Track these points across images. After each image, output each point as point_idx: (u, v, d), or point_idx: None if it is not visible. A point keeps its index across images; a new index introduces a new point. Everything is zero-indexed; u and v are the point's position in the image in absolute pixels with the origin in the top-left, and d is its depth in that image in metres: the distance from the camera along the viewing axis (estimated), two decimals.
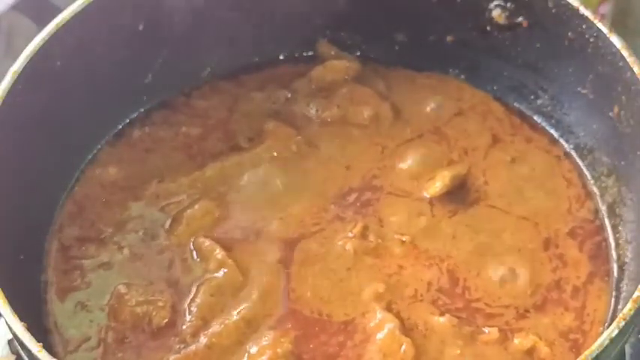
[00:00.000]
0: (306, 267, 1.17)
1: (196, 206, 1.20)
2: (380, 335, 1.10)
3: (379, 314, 1.12)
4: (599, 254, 1.20)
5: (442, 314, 1.12)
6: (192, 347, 1.09)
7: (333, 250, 1.18)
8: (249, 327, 1.12)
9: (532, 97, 1.31)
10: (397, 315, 1.12)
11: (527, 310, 1.14)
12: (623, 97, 1.18)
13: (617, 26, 1.23)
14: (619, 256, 1.19)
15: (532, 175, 1.26)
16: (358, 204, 1.22)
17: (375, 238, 1.19)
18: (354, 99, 1.30)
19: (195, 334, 1.11)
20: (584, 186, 1.25)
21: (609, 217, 1.22)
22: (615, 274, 1.18)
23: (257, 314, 1.12)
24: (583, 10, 1.20)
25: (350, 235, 1.19)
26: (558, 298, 1.16)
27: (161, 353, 1.10)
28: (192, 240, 1.18)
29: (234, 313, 1.12)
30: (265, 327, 1.12)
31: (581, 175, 1.26)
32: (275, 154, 1.26)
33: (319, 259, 1.17)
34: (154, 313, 1.12)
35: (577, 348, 1.12)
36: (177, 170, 1.24)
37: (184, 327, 1.12)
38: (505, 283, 1.16)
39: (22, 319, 1.00)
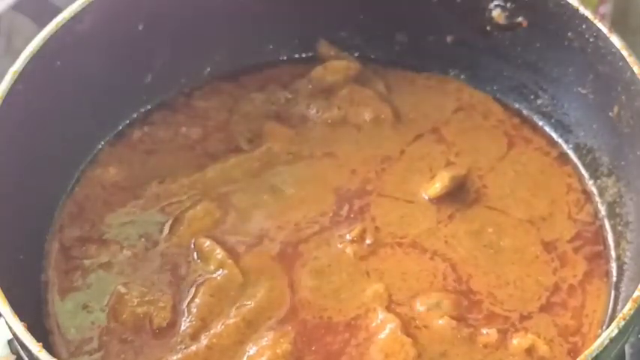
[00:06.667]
0: (307, 268, 1.17)
1: (198, 207, 1.20)
2: (381, 335, 1.10)
3: (380, 315, 1.12)
4: (599, 254, 1.20)
5: (442, 315, 1.12)
6: (193, 347, 1.09)
7: (333, 252, 1.18)
8: (250, 327, 1.12)
9: (532, 97, 1.31)
10: (398, 315, 1.12)
11: (528, 312, 1.14)
12: (623, 97, 1.18)
13: (617, 26, 1.23)
14: (618, 256, 1.19)
15: (532, 177, 1.26)
16: (358, 206, 1.22)
17: (375, 239, 1.19)
18: (354, 100, 1.30)
19: (195, 335, 1.11)
20: (584, 187, 1.25)
21: (609, 217, 1.22)
22: (615, 274, 1.18)
23: (257, 315, 1.12)
24: (583, 10, 1.20)
25: (348, 237, 1.19)
26: (558, 298, 1.16)
27: (162, 353, 1.09)
28: (193, 240, 1.18)
29: (235, 313, 1.12)
30: (265, 327, 1.12)
31: (580, 175, 1.26)
32: (275, 155, 1.26)
33: (319, 260, 1.17)
34: (154, 314, 1.12)
35: (576, 348, 1.12)
36: (177, 171, 1.24)
37: (184, 327, 1.12)
38: (506, 284, 1.16)
39: (22, 319, 1.00)
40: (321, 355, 1.10)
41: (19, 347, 1.05)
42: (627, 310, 1.01)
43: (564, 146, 1.29)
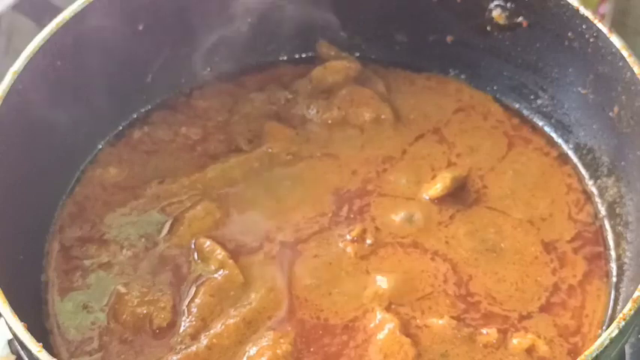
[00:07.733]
0: (307, 269, 1.17)
1: (198, 207, 1.20)
2: (380, 336, 1.10)
3: (379, 315, 1.12)
4: (599, 255, 1.20)
5: (442, 315, 1.12)
6: (193, 347, 1.09)
7: (333, 253, 1.18)
8: (250, 328, 1.12)
9: (532, 97, 1.31)
10: (397, 315, 1.12)
11: (528, 312, 1.14)
12: (623, 97, 1.18)
13: (617, 26, 1.23)
14: (618, 257, 1.19)
15: (532, 177, 1.26)
16: (358, 206, 1.22)
17: (375, 240, 1.19)
18: (354, 100, 1.30)
19: (195, 335, 1.11)
20: (584, 187, 1.25)
21: (609, 217, 1.22)
22: (615, 274, 1.18)
23: (257, 315, 1.12)
24: (583, 10, 1.20)
25: (348, 237, 1.19)
26: (558, 299, 1.16)
27: (162, 353, 1.09)
28: (194, 241, 1.18)
29: (235, 313, 1.12)
30: (265, 328, 1.12)
31: (580, 175, 1.26)
32: (274, 156, 1.26)
33: (319, 261, 1.17)
34: (155, 314, 1.12)
35: (576, 348, 1.12)
36: (177, 171, 1.24)
37: (184, 327, 1.12)
38: (506, 285, 1.16)
39: (22, 319, 1.00)
40: (321, 355, 1.10)
41: (19, 347, 1.05)
42: (627, 310, 1.01)
43: (564, 146, 1.29)
